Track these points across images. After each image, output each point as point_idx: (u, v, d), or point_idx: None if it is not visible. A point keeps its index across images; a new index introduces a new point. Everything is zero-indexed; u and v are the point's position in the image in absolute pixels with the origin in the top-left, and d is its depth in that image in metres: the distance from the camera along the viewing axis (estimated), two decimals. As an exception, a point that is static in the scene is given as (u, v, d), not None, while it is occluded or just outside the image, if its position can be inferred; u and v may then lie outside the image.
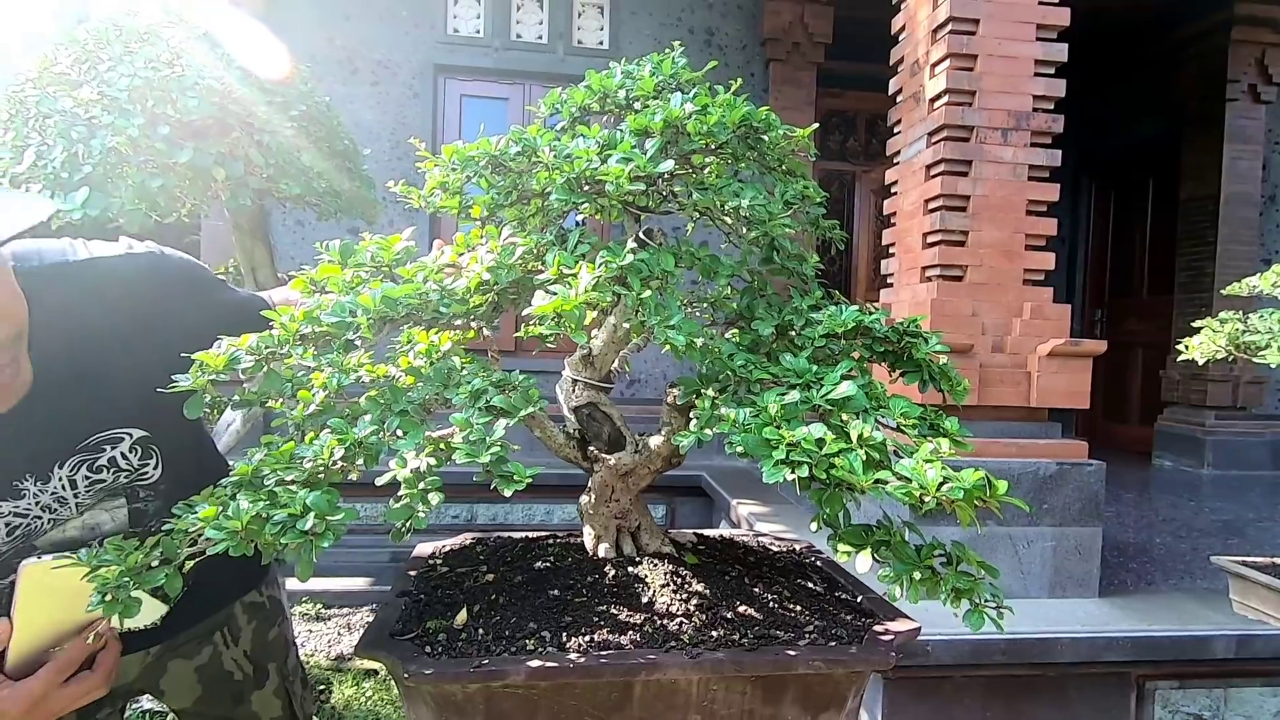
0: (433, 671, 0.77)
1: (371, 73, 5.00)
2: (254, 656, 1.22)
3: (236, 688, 1.20)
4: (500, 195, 0.98)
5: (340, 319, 0.81)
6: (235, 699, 1.21)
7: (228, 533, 0.70)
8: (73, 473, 0.90)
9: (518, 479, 0.71)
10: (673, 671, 0.79)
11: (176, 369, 0.75)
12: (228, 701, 1.20)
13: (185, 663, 1.14)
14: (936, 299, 2.46)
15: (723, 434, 0.74)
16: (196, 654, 1.15)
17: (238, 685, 1.20)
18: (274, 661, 1.26)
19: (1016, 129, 2.49)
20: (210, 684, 1.17)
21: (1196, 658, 2.27)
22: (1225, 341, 1.83)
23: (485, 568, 1.07)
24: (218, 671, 1.18)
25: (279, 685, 1.26)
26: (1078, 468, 2.42)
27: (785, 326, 0.87)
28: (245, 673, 1.21)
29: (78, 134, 2.03)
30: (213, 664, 1.17)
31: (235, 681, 1.20)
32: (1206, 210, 5.19)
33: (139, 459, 0.95)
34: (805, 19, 5.09)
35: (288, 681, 1.29)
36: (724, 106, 0.85)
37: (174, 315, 0.93)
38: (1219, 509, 4.10)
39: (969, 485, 0.61)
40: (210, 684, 1.17)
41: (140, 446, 0.94)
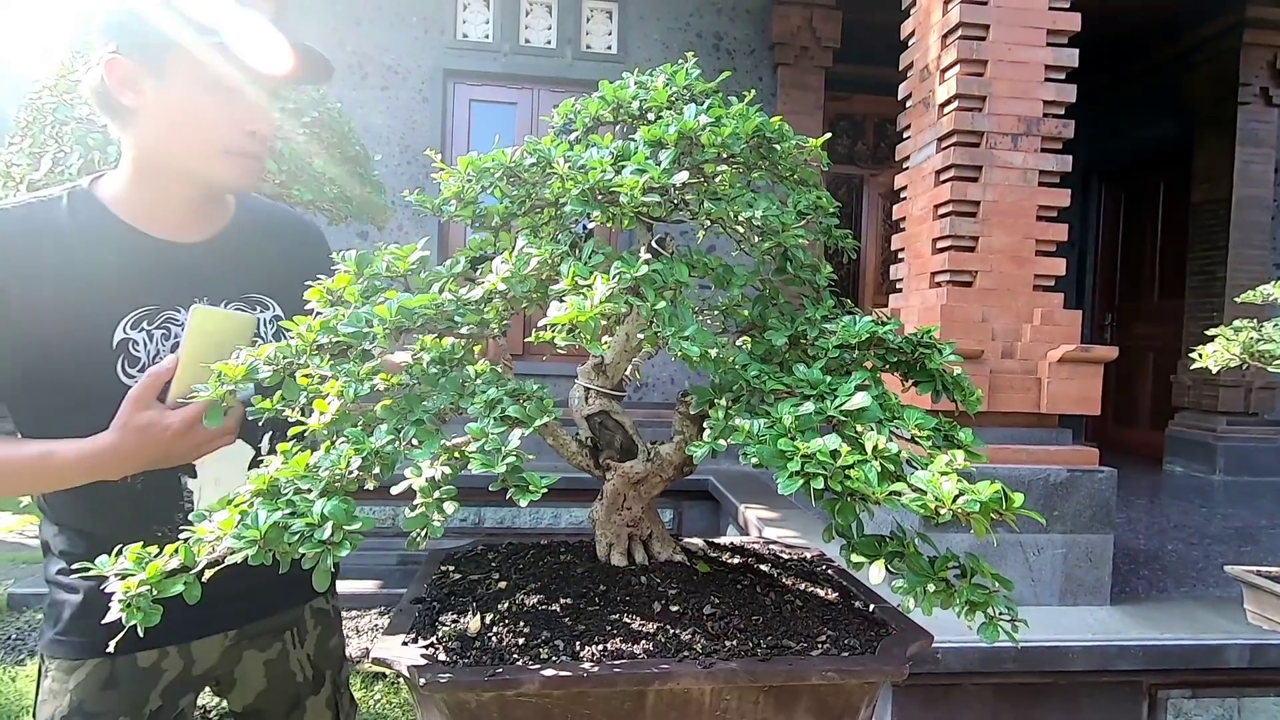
0: (448, 679, 0.77)
1: (381, 77, 5.03)
2: (315, 661, 1.25)
3: (296, 689, 1.23)
4: (514, 204, 0.99)
5: (357, 329, 0.82)
6: (294, 702, 1.23)
7: (247, 541, 0.71)
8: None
9: (533, 489, 0.71)
10: (686, 681, 0.79)
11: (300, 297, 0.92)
12: (286, 702, 1.22)
13: (258, 654, 1.17)
14: (946, 304, 2.45)
15: (736, 444, 0.74)
16: (268, 648, 1.18)
17: (298, 687, 1.23)
18: (330, 669, 1.28)
19: (1027, 134, 2.49)
20: (275, 681, 1.20)
21: (1209, 666, 2.25)
22: (1239, 350, 1.81)
23: (497, 575, 1.07)
24: (284, 670, 1.20)
25: (330, 695, 1.28)
26: (1089, 474, 2.41)
27: (798, 336, 0.87)
28: (306, 676, 1.23)
29: (94, 141, 2.06)
30: (280, 661, 1.19)
31: (297, 683, 1.22)
32: (1218, 214, 5.16)
33: (273, 335, 1.11)
34: (813, 23, 5.09)
35: (338, 693, 1.30)
36: (738, 118, 0.86)
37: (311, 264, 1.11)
38: (1231, 515, 4.07)
39: (985, 499, 0.61)
40: (275, 681, 1.20)
41: (275, 324, 1.11)
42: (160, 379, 0.90)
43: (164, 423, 0.89)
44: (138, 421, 0.89)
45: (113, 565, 0.75)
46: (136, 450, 0.90)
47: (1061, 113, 2.53)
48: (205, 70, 0.95)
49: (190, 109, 0.96)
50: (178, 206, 1.03)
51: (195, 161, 0.99)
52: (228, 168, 1.00)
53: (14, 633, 3.20)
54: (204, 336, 0.89)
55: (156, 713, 1.05)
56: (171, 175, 1.01)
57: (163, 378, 0.90)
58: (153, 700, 1.04)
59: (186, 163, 0.99)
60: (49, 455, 0.91)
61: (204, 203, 1.06)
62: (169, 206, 1.02)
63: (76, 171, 2.06)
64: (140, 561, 0.74)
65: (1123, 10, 5.05)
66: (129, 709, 1.03)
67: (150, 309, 1.00)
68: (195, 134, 0.97)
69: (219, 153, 0.99)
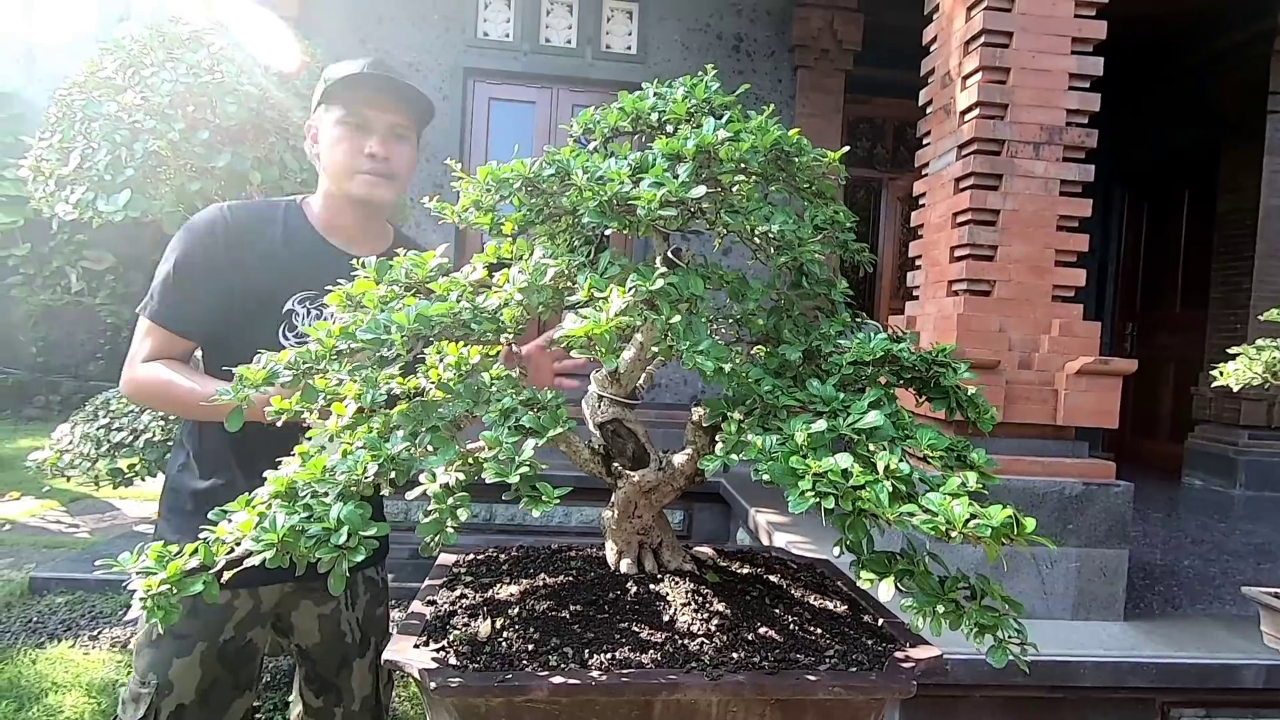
0: (458, 684, 0.78)
1: (402, 75, 5.07)
2: (363, 626, 1.40)
3: (346, 649, 1.38)
4: (532, 213, 0.99)
5: (375, 335, 0.83)
6: (342, 661, 1.38)
7: (265, 544, 0.72)
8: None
9: (546, 499, 0.72)
10: (693, 692, 0.80)
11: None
12: (336, 660, 1.38)
13: (313, 606, 1.35)
14: (963, 314, 2.44)
15: (748, 460, 0.74)
16: (323, 603, 1.35)
17: (347, 648, 1.38)
18: (375, 637, 1.42)
19: (1049, 143, 2.46)
20: (327, 636, 1.36)
21: (1224, 686, 2.22)
22: (1262, 369, 1.79)
23: (508, 579, 1.08)
24: (335, 628, 1.37)
25: (374, 660, 1.40)
26: (1104, 488, 2.39)
27: (813, 351, 0.88)
28: (354, 638, 1.39)
29: (121, 138, 2.10)
30: (333, 618, 1.37)
31: (346, 643, 1.38)
32: (1244, 224, 5.07)
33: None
34: (834, 25, 5.06)
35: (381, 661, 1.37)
36: (757, 131, 0.86)
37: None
38: (1251, 531, 4.01)
39: (996, 523, 0.61)
40: (327, 636, 1.36)
41: None
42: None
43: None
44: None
45: (134, 564, 0.77)
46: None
47: (1085, 121, 2.49)
48: (341, 113, 1.31)
49: (333, 143, 1.31)
50: (346, 221, 1.36)
51: (338, 181, 1.32)
52: (356, 183, 1.31)
53: (35, 615, 3.27)
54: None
55: (229, 641, 1.27)
56: (337, 197, 1.34)
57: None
58: (226, 631, 1.27)
59: (335, 183, 1.33)
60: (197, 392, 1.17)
61: (364, 220, 1.37)
62: (342, 222, 1.36)
63: (104, 167, 2.10)
64: (161, 560, 0.75)
65: (1150, 17, 4.97)
66: (208, 635, 1.26)
67: (315, 293, 1.29)
68: (335, 160, 1.31)
69: (351, 173, 1.31)
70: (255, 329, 1.24)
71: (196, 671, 1.24)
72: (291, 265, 1.29)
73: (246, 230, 1.28)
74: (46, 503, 4.93)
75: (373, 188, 1.31)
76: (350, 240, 1.35)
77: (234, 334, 1.26)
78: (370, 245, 1.36)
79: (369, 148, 1.30)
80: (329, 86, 1.30)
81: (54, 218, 2.19)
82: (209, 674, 1.26)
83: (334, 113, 1.30)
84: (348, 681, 1.37)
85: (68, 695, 2.62)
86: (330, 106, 1.31)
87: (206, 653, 1.25)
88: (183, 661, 1.23)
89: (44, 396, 8.11)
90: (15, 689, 2.64)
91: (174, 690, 1.23)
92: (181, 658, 1.23)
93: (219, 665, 1.26)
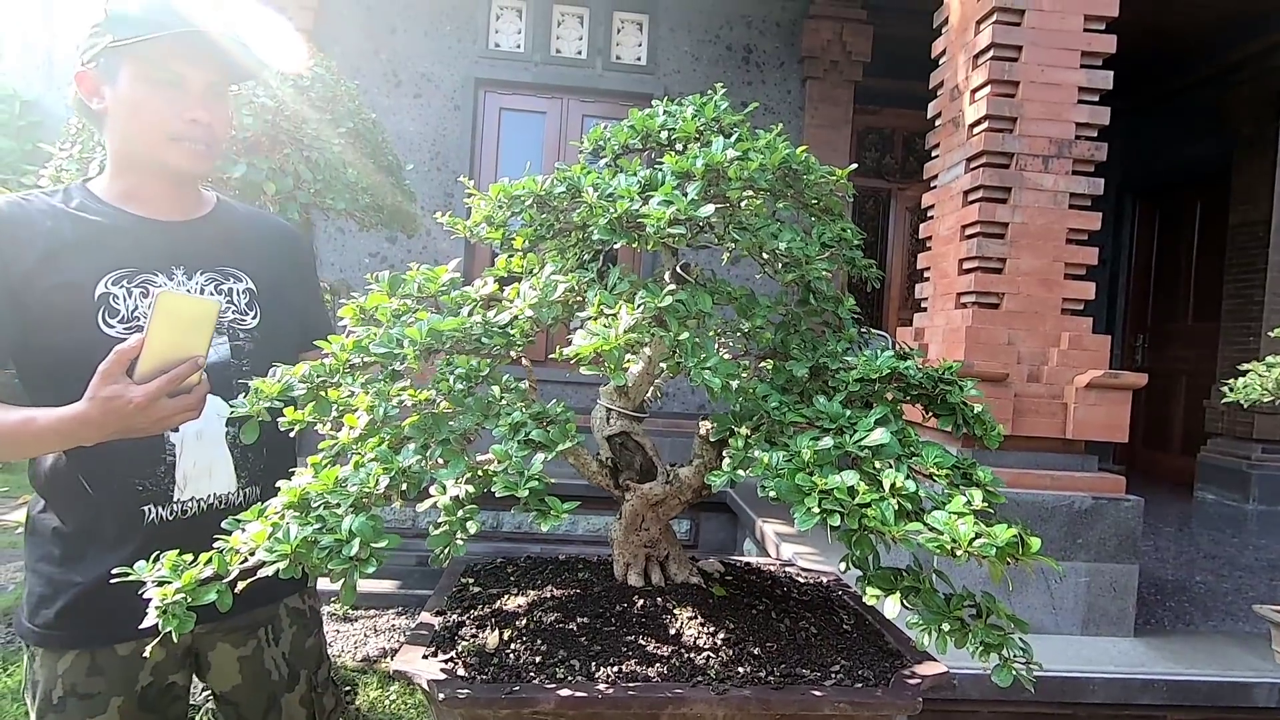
0: (466, 696, 0.79)
1: (415, 85, 5.12)
2: (290, 660, 1.28)
3: (273, 687, 1.26)
4: (542, 228, 1.01)
5: (388, 350, 0.85)
6: (270, 700, 1.26)
7: (278, 555, 0.73)
8: (204, 284, 1.18)
9: (555, 514, 0.73)
10: (699, 707, 0.80)
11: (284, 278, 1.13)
12: (263, 700, 1.26)
13: (231, 649, 1.22)
14: (971, 326, 2.43)
15: (755, 476, 0.75)
16: (242, 644, 1.23)
17: (274, 685, 1.26)
18: (306, 669, 1.31)
19: (1058, 156, 2.46)
20: (250, 677, 1.24)
21: (1236, 704, 2.19)
22: (1273, 386, 1.78)
23: (516, 590, 1.09)
24: (258, 667, 1.25)
25: (306, 693, 1.31)
26: (1114, 503, 2.37)
27: (820, 368, 0.88)
28: (281, 674, 1.27)
29: (139, 148, 2.13)
30: (255, 658, 1.25)
31: (272, 680, 1.26)
32: (1257, 235, 5.03)
33: (245, 304, 1.21)
34: (844, 37, 5.08)
35: (315, 692, 1.33)
36: (765, 150, 0.87)
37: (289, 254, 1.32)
38: (1264, 546, 3.96)
39: (1001, 543, 0.61)
40: (250, 677, 1.24)
41: (249, 295, 1.21)
42: (127, 356, 0.96)
43: (127, 396, 0.95)
44: (104, 393, 0.95)
45: (150, 571, 0.78)
46: (102, 420, 0.96)
47: (1094, 135, 2.49)
48: (146, 69, 1.08)
49: (136, 104, 1.09)
50: (153, 192, 1.16)
51: (148, 149, 1.12)
52: (175, 152, 1.12)
53: (46, 619, 3.30)
54: (168, 317, 0.96)
55: (148, 687, 1.15)
56: (139, 164, 1.14)
57: (129, 355, 0.96)
58: (143, 678, 1.14)
59: (143, 150, 1.12)
60: (30, 421, 1.00)
61: (175, 189, 1.18)
62: (145, 191, 1.16)
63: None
64: (176, 570, 0.77)
65: (1162, 29, 4.97)
66: (121, 689, 1.12)
67: (130, 270, 1.12)
68: (142, 124, 1.10)
69: (165, 139, 1.11)
70: (71, 325, 1.07)
71: None
72: (91, 247, 1.10)
73: (22, 223, 1.08)
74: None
75: (197, 160, 1.13)
76: (155, 209, 1.15)
77: (47, 340, 1.08)
78: (182, 211, 1.18)
79: (191, 113, 1.10)
80: (122, 31, 1.05)
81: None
82: None
83: (135, 66, 1.07)
84: (279, 716, 1.27)
85: None
86: (127, 56, 1.07)
87: (124, 706, 1.12)
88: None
89: (58, 400, 8.17)
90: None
91: None
92: (95, 717, 1.11)
93: (141, 712, 1.14)
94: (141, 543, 1.08)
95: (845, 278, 1.18)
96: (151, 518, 1.11)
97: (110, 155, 1.15)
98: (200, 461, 1.14)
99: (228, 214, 1.26)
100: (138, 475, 1.11)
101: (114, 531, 1.11)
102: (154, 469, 1.11)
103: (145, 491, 1.11)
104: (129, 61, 1.07)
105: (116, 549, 1.08)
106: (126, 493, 1.10)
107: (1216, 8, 4.74)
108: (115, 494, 1.10)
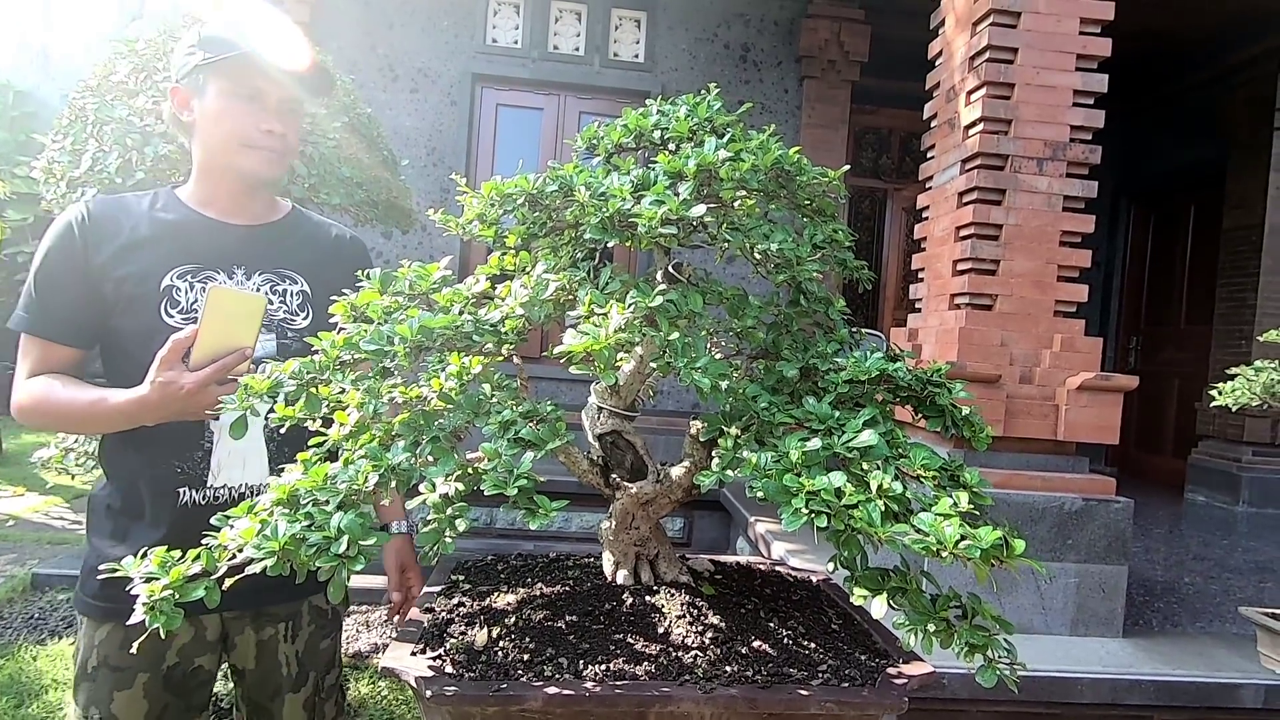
0: (454, 693, 0.79)
1: (411, 80, 5.11)
2: (302, 659, 1.32)
3: (278, 681, 1.30)
4: (535, 226, 1.01)
5: (379, 347, 0.84)
6: (274, 692, 1.30)
7: (266, 552, 0.73)
8: (261, 284, 1.27)
9: (544, 513, 0.73)
10: (686, 705, 0.80)
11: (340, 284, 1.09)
12: (269, 690, 1.30)
13: (253, 633, 1.29)
14: (965, 327, 2.44)
15: (744, 476, 0.75)
16: (262, 630, 1.30)
17: (281, 679, 1.31)
18: (315, 671, 1.34)
19: (1052, 159, 2.47)
20: (262, 663, 1.30)
21: (1223, 705, 2.21)
22: (1260, 390, 1.79)
23: (506, 588, 1.09)
24: (271, 658, 1.30)
25: (310, 696, 1.33)
26: (1104, 504, 2.39)
27: (810, 369, 0.89)
28: (290, 671, 1.31)
29: (132, 141, 2.12)
30: (270, 646, 1.30)
31: (281, 675, 1.31)
32: (1250, 239, 5.06)
33: (298, 305, 1.30)
34: (842, 36, 5.09)
35: (320, 697, 1.34)
36: (757, 151, 0.87)
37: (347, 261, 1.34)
38: (1253, 549, 3.99)
39: (986, 545, 0.62)
40: (262, 663, 1.30)
41: (302, 296, 1.30)
42: (181, 345, 1.06)
43: (180, 382, 1.05)
44: (161, 378, 1.06)
45: (137, 567, 0.78)
46: (159, 403, 1.07)
47: (1089, 138, 2.50)
48: (229, 84, 1.21)
49: (219, 115, 1.21)
50: (228, 196, 1.27)
51: (225, 155, 1.23)
52: (248, 158, 1.23)
53: (37, 611, 3.29)
54: (219, 310, 1.05)
55: (174, 668, 1.21)
56: (216, 171, 1.26)
57: (183, 344, 1.06)
58: (169, 658, 1.21)
59: (220, 157, 1.24)
60: (101, 400, 1.13)
61: (248, 195, 1.29)
62: (221, 195, 1.27)
63: (115, 170, 2.12)
64: (164, 566, 0.77)
65: (1159, 32, 4.99)
66: (148, 665, 1.19)
67: (195, 266, 1.23)
68: (222, 133, 1.22)
69: (240, 146, 1.22)
70: (137, 313, 1.18)
71: (141, 704, 1.19)
72: (162, 243, 1.21)
73: (107, 220, 1.21)
74: (50, 499, 4.95)
75: (267, 165, 1.23)
76: (227, 212, 1.27)
77: (117, 324, 1.20)
78: (253, 216, 1.29)
79: (266, 123, 1.21)
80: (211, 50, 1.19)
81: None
82: (156, 703, 1.20)
83: (220, 81, 1.19)
84: (280, 711, 1.31)
85: (67, 692, 2.63)
86: (213, 73, 1.19)
87: (150, 683, 1.19)
88: (124, 694, 1.18)
89: (50, 393, 8.15)
90: (16, 685, 2.66)
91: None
92: (122, 690, 1.18)
93: (166, 693, 1.20)
94: (176, 523, 1.17)
95: (839, 278, 1.19)
96: (185, 500, 1.19)
97: (194, 163, 1.27)
98: (235, 450, 1.21)
99: (297, 221, 1.36)
100: (177, 458, 1.20)
101: (153, 511, 1.20)
102: (192, 453, 1.20)
103: (182, 474, 1.20)
104: (215, 77, 1.20)
105: (155, 527, 1.18)
106: (165, 474, 1.19)
107: (1213, 12, 4.77)
108: (156, 475, 1.20)
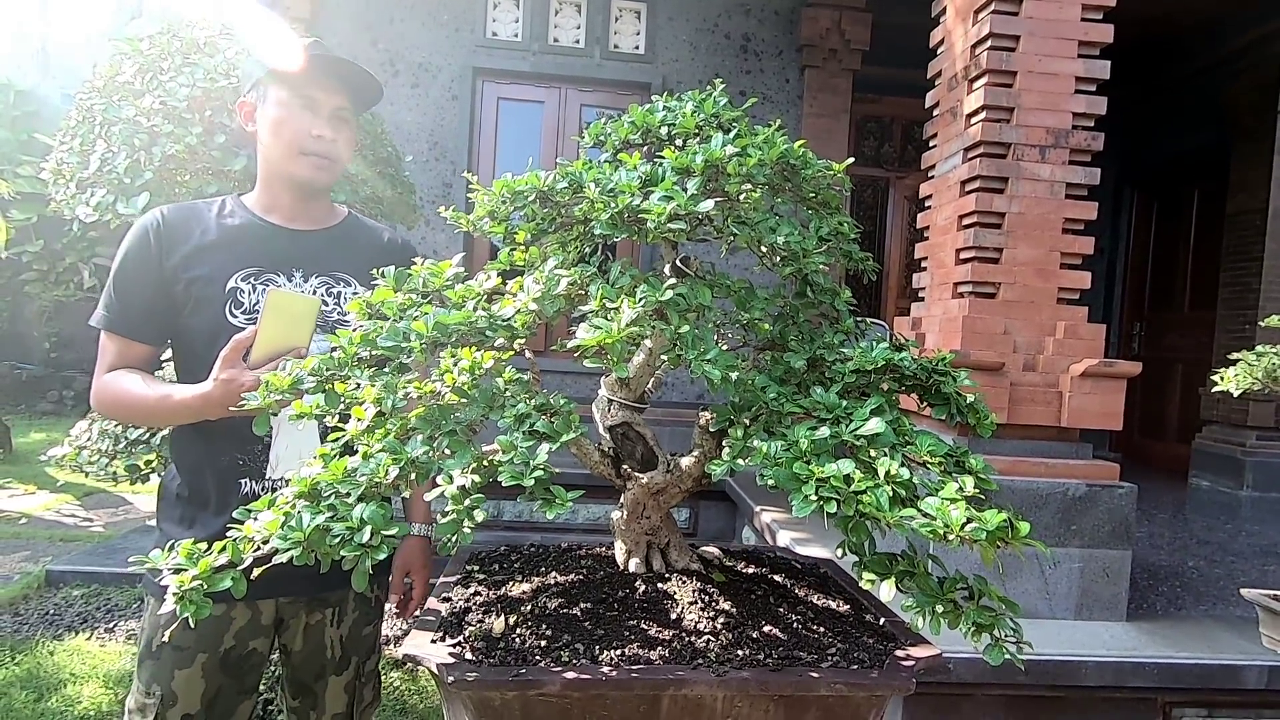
0: (475, 678, 0.82)
1: (412, 75, 5.10)
2: (346, 643, 1.39)
3: (324, 663, 1.37)
4: (545, 222, 1.02)
5: (395, 343, 0.86)
6: (318, 673, 1.38)
7: (292, 542, 0.76)
8: (318, 286, 1.34)
9: (560, 502, 0.75)
10: (700, 688, 0.83)
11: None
12: (315, 670, 1.37)
13: (304, 617, 1.36)
14: (968, 316, 2.45)
15: (754, 465, 0.77)
16: (312, 614, 1.36)
17: (325, 661, 1.37)
18: (358, 656, 1.41)
19: (1055, 146, 2.47)
20: (309, 646, 1.37)
21: (1226, 686, 2.24)
22: (1262, 375, 1.80)
23: (520, 577, 1.12)
24: (317, 640, 1.37)
25: (352, 680, 1.39)
26: (1108, 489, 2.40)
27: (817, 359, 0.90)
28: (334, 654, 1.38)
29: (140, 141, 2.14)
30: (317, 629, 1.37)
31: (325, 658, 1.37)
32: (1254, 225, 5.04)
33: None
34: (842, 25, 5.06)
35: (360, 681, 1.41)
36: (763, 146, 0.89)
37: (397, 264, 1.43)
38: (1257, 533, 4.01)
39: (992, 527, 0.64)
40: (309, 646, 1.37)
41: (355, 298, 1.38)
42: (242, 343, 1.14)
43: (240, 379, 1.12)
44: (223, 375, 1.13)
45: (165, 559, 0.81)
46: (221, 399, 1.13)
47: (1091, 125, 2.50)
48: (286, 94, 1.29)
49: (277, 123, 1.29)
50: (287, 204, 1.36)
51: (281, 162, 1.31)
52: (300, 164, 1.31)
53: (52, 608, 3.33)
54: (277, 311, 1.12)
55: (231, 650, 1.29)
56: (275, 179, 1.34)
57: (244, 343, 1.14)
58: (226, 640, 1.28)
59: (277, 164, 1.32)
60: (168, 396, 1.21)
61: (305, 201, 1.36)
62: (282, 202, 1.36)
63: (123, 170, 2.14)
64: (192, 557, 0.79)
65: (1161, 17, 4.95)
66: (207, 646, 1.27)
67: (258, 269, 1.31)
68: (279, 140, 1.30)
69: (295, 153, 1.30)
70: (204, 313, 1.26)
71: (199, 683, 1.26)
72: (229, 247, 1.30)
73: (180, 226, 1.29)
74: (61, 496, 5.00)
75: (317, 171, 1.31)
76: (288, 218, 1.35)
77: (186, 323, 1.28)
78: (311, 221, 1.37)
79: (315, 129, 1.29)
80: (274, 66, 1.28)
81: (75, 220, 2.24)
82: (213, 683, 1.27)
83: (279, 91, 1.28)
84: (323, 692, 1.38)
85: (85, 686, 2.68)
86: (273, 84, 1.29)
87: (208, 664, 1.26)
88: (184, 673, 1.25)
89: (57, 392, 8.22)
90: (34, 679, 2.70)
91: (179, 701, 1.25)
92: (183, 669, 1.25)
93: (222, 674, 1.27)
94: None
95: (843, 269, 1.21)
96: (246, 491, 1.27)
97: (259, 172, 1.36)
98: (292, 445, 1.27)
99: (353, 227, 1.43)
100: (239, 451, 1.27)
101: (218, 499, 1.27)
102: (253, 446, 1.27)
103: (244, 466, 1.27)
104: (275, 87, 1.29)
105: (219, 515, 1.24)
106: (229, 465, 1.27)
107: (1216, -5, 4.73)
108: (220, 466, 1.27)
